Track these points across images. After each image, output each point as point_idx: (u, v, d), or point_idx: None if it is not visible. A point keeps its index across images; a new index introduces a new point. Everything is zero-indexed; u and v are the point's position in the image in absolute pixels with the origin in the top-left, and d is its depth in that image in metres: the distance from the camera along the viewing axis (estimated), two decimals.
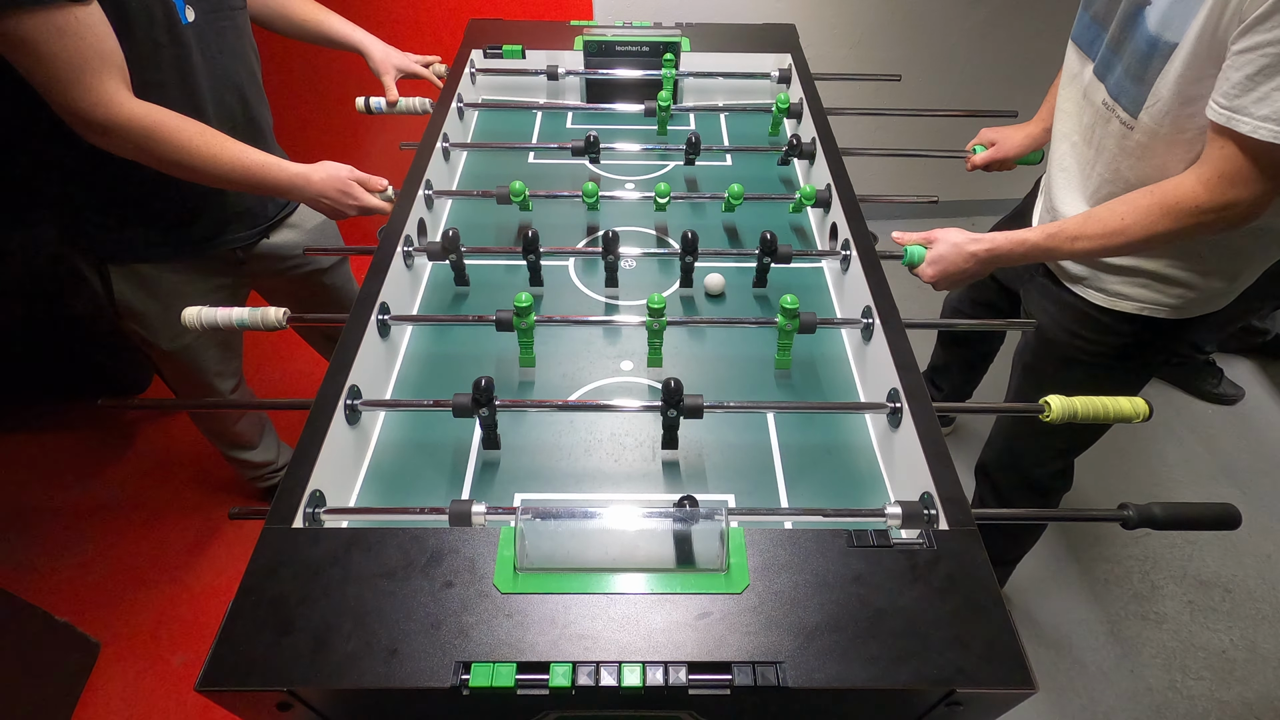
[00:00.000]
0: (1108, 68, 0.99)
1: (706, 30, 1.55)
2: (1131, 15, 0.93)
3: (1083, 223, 0.97)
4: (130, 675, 1.55)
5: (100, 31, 0.91)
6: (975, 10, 2.26)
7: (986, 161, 1.38)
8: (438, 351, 1.02)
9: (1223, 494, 1.97)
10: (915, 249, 1.06)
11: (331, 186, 1.12)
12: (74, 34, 0.88)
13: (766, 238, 1.02)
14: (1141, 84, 0.92)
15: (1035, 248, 1.01)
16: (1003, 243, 1.02)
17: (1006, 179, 1.70)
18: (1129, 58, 0.94)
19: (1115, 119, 0.99)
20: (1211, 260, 1.02)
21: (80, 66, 0.90)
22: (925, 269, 1.06)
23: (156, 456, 1.99)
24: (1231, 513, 0.75)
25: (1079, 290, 1.13)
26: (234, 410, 1.60)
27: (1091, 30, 1.03)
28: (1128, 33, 0.94)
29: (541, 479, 0.85)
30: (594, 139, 1.24)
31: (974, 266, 1.04)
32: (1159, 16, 0.88)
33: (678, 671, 0.57)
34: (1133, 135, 0.97)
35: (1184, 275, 1.04)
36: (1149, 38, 0.89)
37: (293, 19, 1.34)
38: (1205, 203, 0.86)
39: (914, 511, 0.72)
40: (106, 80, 0.93)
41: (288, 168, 1.09)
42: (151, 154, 0.99)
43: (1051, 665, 1.62)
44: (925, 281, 1.07)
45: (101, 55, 0.91)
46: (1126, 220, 0.92)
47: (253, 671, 0.57)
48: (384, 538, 0.65)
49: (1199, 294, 1.06)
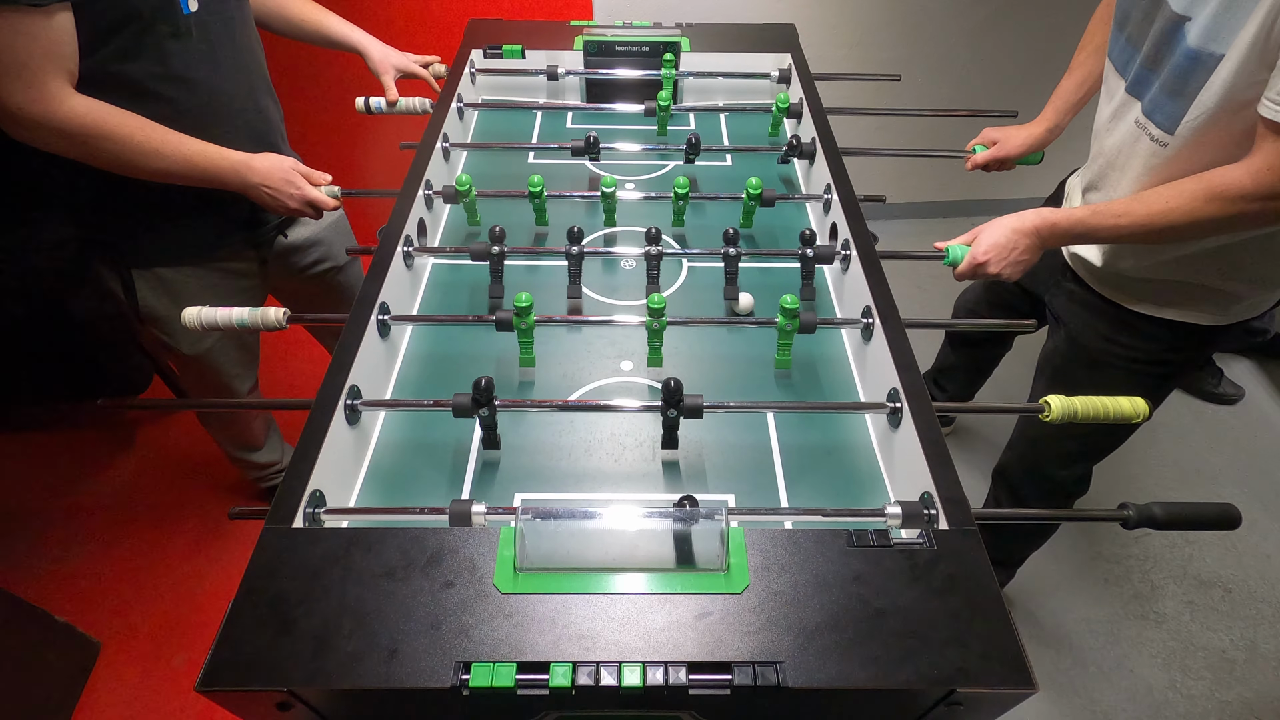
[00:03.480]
0: (1143, 85, 0.99)
1: (706, 30, 1.55)
2: (1169, 33, 0.93)
3: (1129, 202, 0.96)
4: (130, 675, 1.55)
5: (56, 36, 0.90)
6: (975, 10, 2.26)
7: (986, 161, 1.38)
8: (438, 351, 1.02)
9: (1223, 494, 1.97)
10: (956, 248, 1.04)
11: (275, 174, 1.11)
12: (27, 34, 0.87)
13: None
14: (1180, 98, 0.92)
15: (1081, 223, 0.99)
16: (1050, 216, 1.00)
17: (1007, 179, 1.71)
18: (1167, 75, 0.94)
19: (1146, 136, 0.99)
20: (1253, 269, 1.03)
21: (23, 63, 0.89)
22: (981, 256, 1.01)
23: (156, 456, 1.99)
24: (1231, 513, 0.75)
25: (1112, 296, 1.13)
26: (243, 410, 1.60)
27: (1127, 51, 1.03)
28: (1165, 50, 0.94)
29: (541, 479, 0.85)
30: (594, 139, 1.24)
31: (1032, 240, 1.01)
32: (1201, 30, 0.88)
33: (678, 671, 0.57)
34: (1163, 152, 0.97)
35: (1229, 285, 1.05)
36: (1190, 53, 0.89)
37: (291, 19, 1.34)
38: (1251, 191, 0.86)
39: (914, 511, 0.72)
40: (49, 79, 0.91)
41: (230, 155, 1.08)
42: (85, 151, 0.98)
43: (1051, 665, 1.62)
44: (991, 274, 1.02)
45: (51, 56, 0.90)
46: (1172, 203, 0.92)
47: (253, 672, 0.56)
48: (384, 538, 0.65)
49: (1243, 303, 1.06)
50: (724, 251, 1.05)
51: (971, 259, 1.03)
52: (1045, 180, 1.50)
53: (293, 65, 2.08)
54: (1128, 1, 1.02)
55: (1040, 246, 1.02)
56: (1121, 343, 1.15)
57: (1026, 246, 1.01)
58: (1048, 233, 1.01)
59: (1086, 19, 1.28)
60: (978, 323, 1.70)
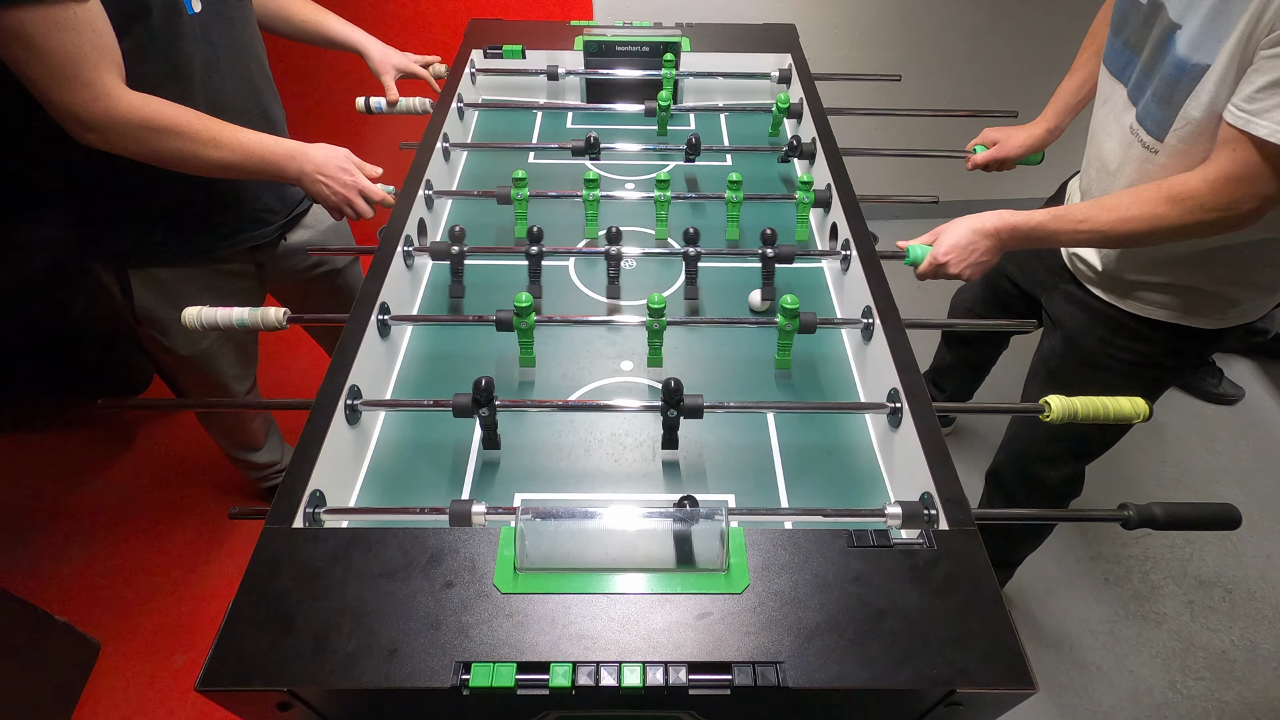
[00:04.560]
0: (1140, 92, 0.99)
1: (706, 30, 1.55)
2: (1162, 41, 0.93)
3: (1090, 208, 0.96)
4: (130, 675, 1.55)
5: (99, 27, 0.89)
6: (975, 10, 2.26)
7: (987, 161, 1.38)
8: (438, 351, 1.02)
9: (1223, 494, 1.97)
10: (916, 248, 1.04)
11: (331, 163, 1.09)
12: (72, 29, 0.86)
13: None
14: (1168, 107, 0.92)
15: (1040, 227, 0.99)
16: (1010, 218, 1.00)
17: (1007, 179, 1.71)
18: (1158, 83, 0.94)
19: (1138, 143, 0.99)
20: (1252, 274, 1.03)
21: (78, 62, 0.88)
22: (941, 257, 1.01)
23: (156, 456, 1.99)
24: (1231, 513, 0.75)
25: (1111, 299, 1.13)
26: (242, 411, 1.59)
27: (1124, 56, 1.03)
28: (1158, 57, 0.94)
29: (541, 479, 0.85)
30: (594, 139, 1.24)
31: (991, 242, 1.01)
32: (1189, 40, 0.88)
33: (678, 671, 0.57)
34: (1155, 159, 0.97)
35: (1228, 290, 1.05)
36: (1178, 61, 0.90)
37: (291, 19, 1.34)
38: (1209, 200, 0.86)
39: (914, 511, 0.72)
40: (104, 75, 0.90)
41: (284, 142, 1.07)
42: (150, 146, 0.97)
43: (1051, 665, 1.62)
44: (951, 275, 1.02)
45: (99, 50, 0.89)
46: (1133, 210, 0.92)
47: (253, 671, 0.57)
48: (384, 538, 0.65)
49: (1238, 307, 1.06)
50: (684, 251, 1.04)
51: (932, 259, 1.02)
52: (1046, 180, 1.49)
53: (293, 65, 2.07)
54: (1126, 5, 1.02)
55: (1000, 248, 1.02)
56: (1119, 345, 1.15)
57: (987, 248, 1.01)
58: (1008, 235, 1.00)
59: (1087, 20, 1.27)
60: (980, 323, 1.70)
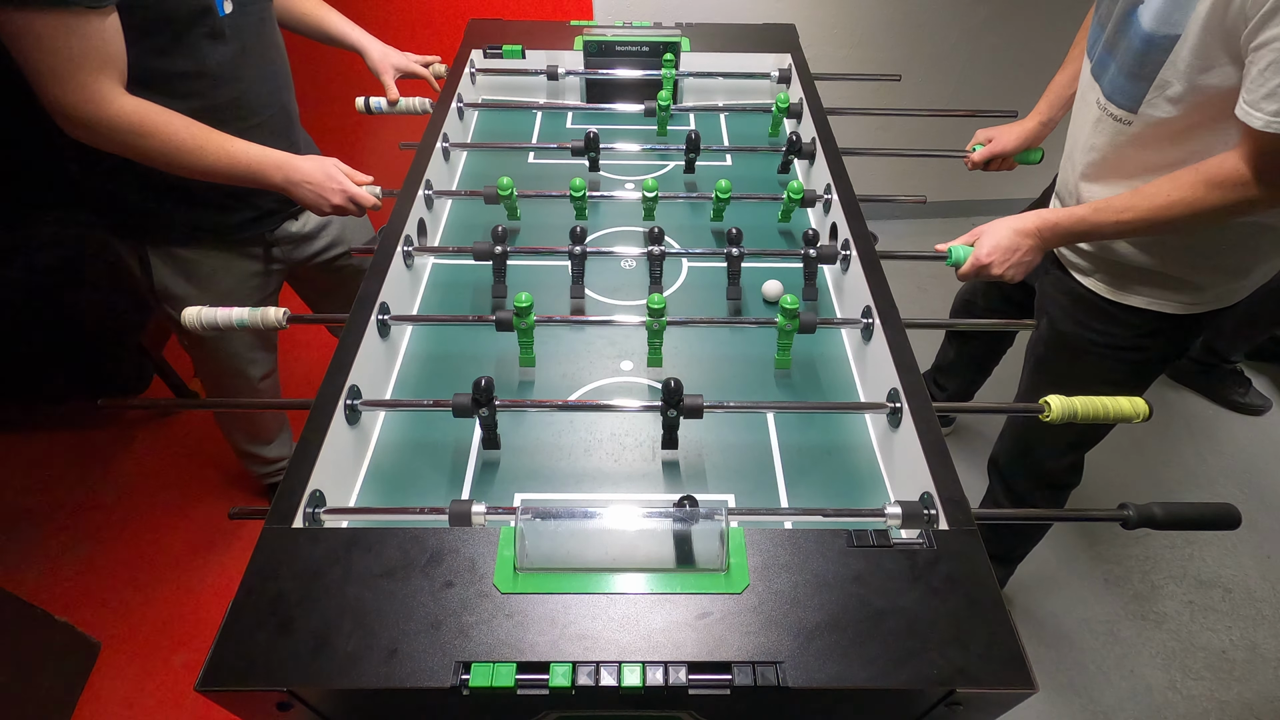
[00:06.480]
0: (1103, 68, 1.00)
1: (706, 30, 1.55)
2: (1125, 15, 0.94)
3: (1131, 196, 0.96)
4: (130, 675, 1.55)
5: (108, 36, 0.91)
6: (975, 10, 2.26)
7: (985, 158, 1.39)
8: (438, 351, 1.02)
9: (1223, 494, 1.96)
10: (959, 249, 1.05)
11: (318, 172, 1.11)
12: (81, 35, 0.89)
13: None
14: (1139, 80, 0.93)
15: (1083, 221, 0.99)
16: (1050, 216, 1.01)
17: (1006, 179, 1.71)
18: (1123, 56, 0.95)
19: (1108, 117, 1.00)
20: (1219, 258, 1.03)
21: (79, 65, 0.90)
22: (985, 258, 1.02)
23: (156, 456, 1.99)
24: (1231, 513, 0.75)
25: (1088, 282, 1.14)
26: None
27: (1094, 34, 1.04)
28: (1121, 33, 0.95)
29: (541, 479, 0.85)
30: (594, 136, 1.24)
31: (1034, 242, 1.02)
32: (1154, 14, 0.89)
33: (678, 671, 0.57)
34: (1127, 130, 0.97)
35: (1190, 275, 1.05)
36: (1144, 35, 0.91)
37: (293, 12, 1.35)
38: (1249, 177, 0.86)
39: (914, 511, 0.72)
40: (101, 80, 0.93)
41: (272, 153, 1.09)
42: (134, 149, 0.99)
43: (1051, 665, 1.62)
44: (994, 276, 1.03)
45: (103, 57, 0.92)
46: (1174, 195, 0.92)
47: (253, 671, 0.57)
48: (384, 538, 0.65)
49: (1209, 292, 1.06)
50: (727, 251, 1.05)
51: (975, 260, 1.03)
52: (1046, 179, 1.50)
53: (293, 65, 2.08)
54: None
55: (1043, 247, 1.03)
56: (1095, 329, 1.15)
57: (1030, 248, 1.02)
58: (1049, 233, 1.01)
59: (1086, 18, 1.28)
60: (980, 323, 1.70)
